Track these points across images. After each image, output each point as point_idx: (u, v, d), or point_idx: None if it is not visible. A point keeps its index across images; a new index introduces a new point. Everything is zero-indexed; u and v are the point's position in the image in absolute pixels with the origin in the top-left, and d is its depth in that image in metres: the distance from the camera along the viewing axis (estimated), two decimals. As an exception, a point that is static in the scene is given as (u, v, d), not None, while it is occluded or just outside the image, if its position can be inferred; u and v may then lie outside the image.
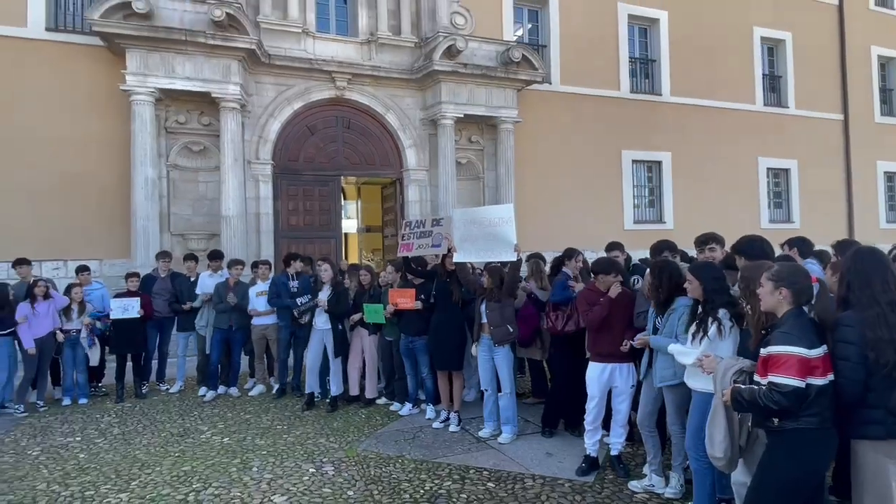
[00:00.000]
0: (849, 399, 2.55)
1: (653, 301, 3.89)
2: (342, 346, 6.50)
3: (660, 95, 14.70)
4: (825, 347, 2.57)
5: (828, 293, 3.22)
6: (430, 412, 5.95)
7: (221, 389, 7.16)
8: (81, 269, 7.47)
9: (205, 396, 6.96)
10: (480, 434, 5.33)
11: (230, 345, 7.23)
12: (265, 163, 10.88)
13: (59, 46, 9.84)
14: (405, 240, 6.15)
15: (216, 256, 7.77)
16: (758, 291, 2.77)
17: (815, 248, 4.85)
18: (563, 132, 13.45)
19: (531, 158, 12.95)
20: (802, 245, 4.75)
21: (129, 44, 9.34)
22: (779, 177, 16.48)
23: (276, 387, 7.10)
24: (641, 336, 3.94)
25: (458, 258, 5.44)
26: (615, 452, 4.44)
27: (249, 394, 7.16)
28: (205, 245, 10.08)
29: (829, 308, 2.86)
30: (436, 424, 5.67)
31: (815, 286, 2.83)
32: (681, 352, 3.44)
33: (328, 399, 6.49)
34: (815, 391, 2.49)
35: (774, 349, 2.53)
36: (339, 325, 6.44)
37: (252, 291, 7.23)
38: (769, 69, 16.56)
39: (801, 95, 16.52)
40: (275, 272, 8.19)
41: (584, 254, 5.97)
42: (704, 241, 4.28)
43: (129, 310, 6.92)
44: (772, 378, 2.49)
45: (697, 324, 3.37)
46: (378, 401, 6.60)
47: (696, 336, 3.35)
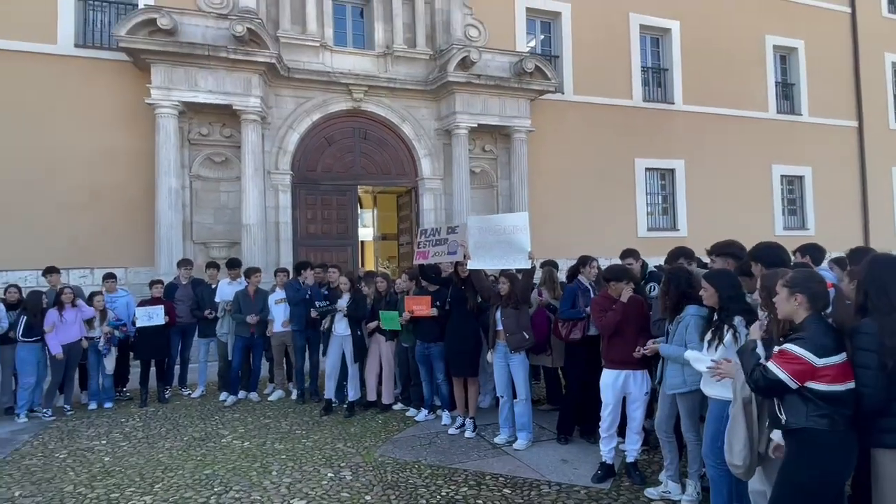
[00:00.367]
0: (869, 407, 2.49)
1: (660, 307, 3.85)
2: (360, 352, 6.52)
3: (672, 104, 14.60)
4: (844, 355, 2.52)
5: (844, 299, 3.15)
6: (446, 418, 5.93)
7: (241, 394, 7.21)
8: (108, 277, 7.59)
9: (225, 401, 7.00)
10: (496, 440, 5.29)
11: (251, 351, 7.29)
12: (284, 173, 11.00)
13: (88, 62, 10.06)
14: (421, 248, 6.15)
15: (235, 265, 7.83)
16: (773, 299, 2.73)
17: (835, 256, 4.74)
18: (577, 141, 13.41)
19: (544, 167, 12.93)
20: (815, 252, 4.66)
21: (154, 59, 9.53)
22: (793, 184, 16.25)
23: (295, 392, 7.13)
24: (651, 343, 3.89)
25: (473, 265, 5.43)
26: (631, 459, 4.38)
27: (269, 399, 7.20)
28: (226, 253, 10.19)
29: (847, 314, 2.81)
30: (451, 430, 5.64)
31: (831, 291, 2.78)
32: (697, 359, 3.39)
33: (345, 404, 6.50)
34: (818, 395, 2.45)
35: (788, 346, 2.53)
36: (358, 332, 6.46)
37: (271, 299, 7.28)
38: (782, 77, 16.39)
39: (815, 103, 16.31)
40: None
41: (598, 261, 5.93)
42: (710, 251, 4.20)
43: (155, 317, 7.00)
44: (769, 364, 2.55)
45: (713, 331, 3.32)
46: (394, 406, 6.59)
47: (712, 343, 3.30)
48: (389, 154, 12.16)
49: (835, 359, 2.47)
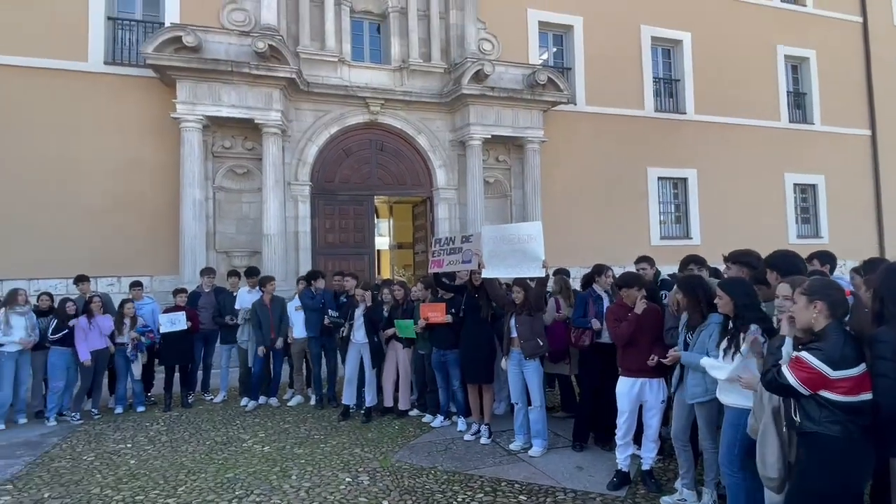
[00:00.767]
0: (887, 416, 2.43)
1: (690, 317, 3.78)
2: (378, 358, 6.52)
3: (684, 114, 14.49)
4: (863, 366, 2.45)
5: (863, 307, 3.08)
6: (462, 424, 5.89)
7: (262, 400, 7.25)
8: (134, 285, 7.70)
9: (246, 406, 7.04)
10: (511, 447, 5.24)
11: (271, 357, 7.32)
12: (304, 184, 11.10)
13: (116, 78, 10.28)
14: (436, 256, 6.15)
15: (253, 273, 7.90)
16: (791, 308, 2.68)
17: (855, 266, 4.64)
18: (589, 150, 13.36)
19: (557, 176, 12.89)
20: (827, 259, 4.56)
21: (180, 75, 9.72)
22: (806, 192, 16.00)
23: (314, 398, 7.15)
24: (673, 352, 3.83)
25: (487, 274, 5.41)
26: (646, 467, 4.31)
27: (288, 404, 7.22)
28: (247, 262, 10.29)
29: (865, 322, 2.74)
30: (467, 437, 5.61)
31: (850, 299, 2.72)
32: (713, 366, 3.34)
33: (363, 410, 6.50)
34: (831, 403, 2.41)
35: (803, 354, 2.48)
36: (375, 338, 6.47)
37: (290, 306, 7.33)
38: (793, 86, 16.19)
39: (827, 112, 16.08)
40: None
41: (613, 270, 5.88)
42: (727, 259, 4.13)
43: (177, 323, 7.09)
44: (783, 368, 2.52)
45: (729, 339, 3.27)
46: (411, 412, 6.56)
47: (728, 352, 3.25)
48: (405, 165, 12.22)
49: (852, 371, 2.41)
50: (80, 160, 9.89)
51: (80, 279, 7.61)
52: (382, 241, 17.63)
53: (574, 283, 6.68)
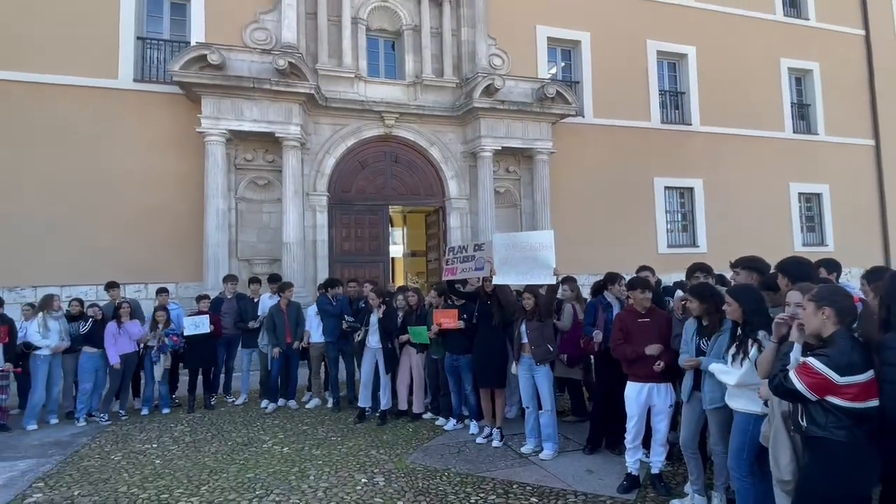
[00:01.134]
0: (894, 421, 2.38)
1: (708, 324, 3.72)
2: (392, 363, 6.52)
3: (690, 125, 14.40)
4: (871, 373, 2.40)
5: (871, 313, 3.02)
6: (474, 427, 5.85)
7: (281, 402, 7.26)
8: (161, 291, 7.78)
9: (266, 408, 7.06)
10: (522, 450, 5.19)
11: (289, 360, 7.35)
12: (321, 194, 11.19)
13: (145, 95, 10.47)
14: (450, 264, 6.14)
15: (275, 280, 7.96)
16: (800, 315, 2.63)
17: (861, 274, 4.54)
18: (597, 161, 13.32)
19: (566, 186, 12.85)
20: (832, 266, 4.48)
21: (205, 91, 9.86)
22: (811, 201, 15.78)
23: (331, 400, 7.16)
24: (690, 360, 3.75)
25: (498, 280, 5.38)
26: (656, 471, 4.24)
27: (306, 406, 7.23)
28: (268, 269, 10.37)
29: (874, 329, 2.69)
30: (479, 439, 5.57)
31: (858, 306, 2.67)
32: (723, 371, 3.28)
33: (378, 413, 6.49)
34: (837, 409, 2.36)
35: (810, 360, 2.43)
36: (389, 344, 6.47)
37: (310, 311, 7.36)
38: (797, 98, 16.02)
39: (831, 122, 15.88)
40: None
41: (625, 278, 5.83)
42: (735, 265, 4.07)
43: (200, 326, 7.13)
44: (791, 373, 2.47)
45: (737, 345, 3.22)
46: (424, 415, 6.54)
47: (737, 357, 3.20)
48: (418, 176, 12.26)
49: (860, 377, 2.36)
50: (111, 172, 10.06)
51: (111, 286, 7.72)
52: (396, 250, 17.65)
53: (584, 291, 6.64)
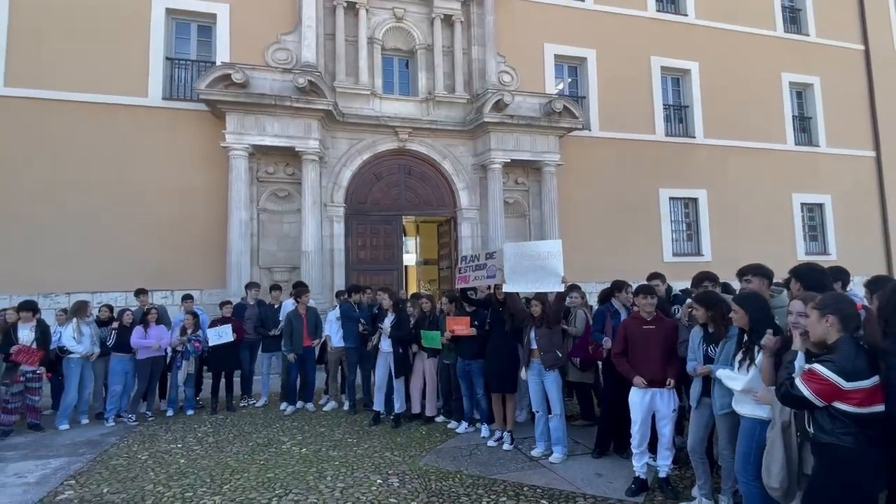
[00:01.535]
0: None
1: (715, 331, 3.67)
2: (403, 367, 6.50)
3: (694, 138, 14.29)
4: (876, 378, 2.35)
5: (875, 320, 2.96)
6: (485, 431, 5.82)
7: (299, 404, 7.28)
8: (186, 298, 7.86)
9: (285, 411, 7.08)
10: (532, 453, 5.14)
11: (306, 364, 7.36)
12: (339, 205, 11.26)
13: (173, 112, 10.64)
14: (462, 273, 6.13)
15: (299, 286, 7.97)
16: (804, 322, 2.60)
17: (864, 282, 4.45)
18: (603, 173, 13.26)
19: (573, 197, 12.80)
20: (839, 275, 4.39)
21: (229, 108, 10.01)
22: (813, 211, 15.54)
23: (348, 403, 7.15)
24: (702, 368, 3.69)
25: (507, 288, 5.36)
26: (663, 475, 4.18)
27: (323, 409, 7.23)
28: (288, 276, 10.44)
29: (878, 335, 2.64)
30: (490, 443, 5.53)
31: (862, 313, 2.62)
32: (729, 377, 3.23)
33: (392, 416, 6.47)
34: (844, 415, 2.31)
35: (816, 366, 2.39)
36: (400, 349, 6.46)
37: (332, 315, 7.38)
38: (799, 111, 15.83)
39: (832, 134, 15.67)
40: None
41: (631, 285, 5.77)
42: (742, 273, 4.01)
43: (223, 336, 7.16)
44: (797, 380, 2.44)
45: (744, 352, 3.17)
46: (437, 419, 6.52)
47: (743, 363, 3.15)
48: (431, 187, 12.30)
49: (865, 383, 2.31)
50: (140, 185, 10.21)
51: (140, 292, 7.81)
52: (410, 258, 17.67)
53: (590, 299, 6.60)
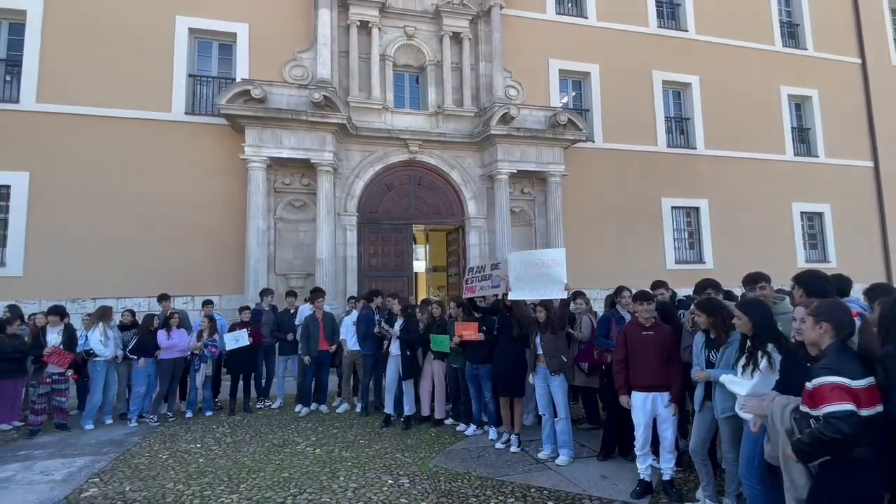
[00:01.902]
0: None
1: (716, 336, 3.63)
2: (411, 370, 6.48)
3: (695, 149, 14.21)
4: (871, 379, 2.31)
5: (871, 327, 2.91)
6: (493, 433, 5.77)
7: (313, 406, 7.27)
8: (206, 303, 7.90)
9: (300, 412, 7.08)
10: (539, 456, 5.10)
11: (321, 367, 7.36)
12: (351, 214, 11.31)
13: (195, 126, 10.77)
14: (469, 283, 6.15)
15: (315, 291, 7.96)
16: (799, 327, 2.57)
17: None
18: (607, 183, 13.21)
19: (578, 206, 12.76)
20: (841, 283, 4.32)
21: (248, 122, 10.12)
22: (813, 220, 15.35)
23: (360, 405, 7.13)
24: (700, 372, 3.65)
25: (513, 296, 5.35)
26: (667, 477, 4.12)
27: (337, 411, 7.22)
28: (303, 283, 10.49)
29: (874, 341, 2.59)
30: (498, 445, 5.48)
31: (857, 320, 2.58)
32: (733, 382, 3.19)
33: (402, 418, 6.45)
34: (863, 420, 2.24)
35: (818, 381, 2.31)
36: (408, 352, 6.44)
37: (348, 320, 7.39)
38: (797, 123, 15.70)
39: (831, 145, 15.51)
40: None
41: (630, 290, 5.73)
42: (755, 280, 3.96)
43: (240, 340, 7.19)
44: (826, 409, 2.23)
45: (747, 357, 3.13)
46: (446, 421, 6.48)
47: (747, 369, 3.10)
48: (440, 197, 12.32)
49: (861, 382, 2.28)
50: (164, 195, 10.33)
51: (163, 297, 7.87)
52: (419, 265, 17.67)
53: (595, 305, 6.55)
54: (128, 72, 10.44)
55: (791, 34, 16.00)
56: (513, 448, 5.34)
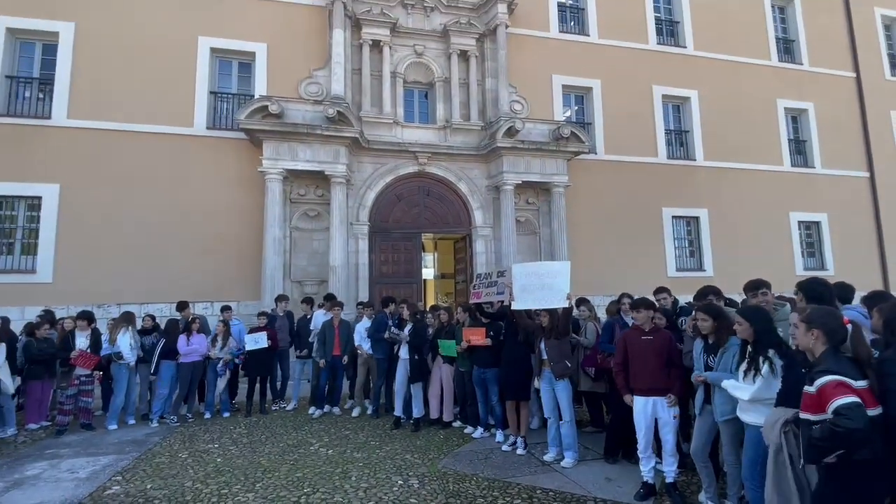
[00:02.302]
0: None
1: (716, 340, 3.59)
2: (419, 374, 6.45)
3: (694, 160, 14.13)
4: (867, 382, 2.27)
5: (862, 333, 2.86)
6: (500, 436, 5.73)
7: (326, 408, 7.26)
8: (225, 309, 7.93)
9: (314, 414, 7.07)
10: (545, 458, 5.05)
11: (335, 371, 7.36)
12: (363, 224, 11.35)
13: (215, 140, 10.90)
14: (476, 289, 6.16)
15: (329, 299, 8.01)
16: (793, 332, 2.54)
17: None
18: (609, 193, 13.16)
19: (581, 216, 12.72)
20: (842, 292, 4.26)
21: (266, 136, 10.22)
22: (810, 229, 15.17)
23: (371, 408, 7.11)
24: (698, 375, 3.62)
25: (516, 306, 5.32)
26: (670, 480, 4.05)
27: (353, 414, 7.19)
28: (317, 289, 10.52)
29: (865, 347, 2.53)
30: (504, 447, 5.44)
31: (848, 327, 2.54)
32: (735, 387, 3.14)
33: (412, 420, 6.42)
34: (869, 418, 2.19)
35: (821, 381, 2.25)
36: (416, 356, 6.43)
37: (360, 326, 7.39)
38: (794, 134, 15.57)
39: (827, 156, 15.36)
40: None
41: (632, 297, 5.69)
42: (757, 287, 3.91)
43: (260, 342, 7.24)
44: (836, 403, 2.14)
45: (749, 362, 3.09)
46: (454, 423, 6.44)
47: (748, 374, 3.06)
48: (448, 207, 12.34)
49: (862, 383, 2.24)
50: (186, 205, 10.44)
51: (182, 305, 7.89)
52: (428, 272, 17.65)
53: (599, 312, 6.51)
54: (153, 89, 10.61)
55: (787, 49, 15.94)
56: (519, 450, 5.29)
